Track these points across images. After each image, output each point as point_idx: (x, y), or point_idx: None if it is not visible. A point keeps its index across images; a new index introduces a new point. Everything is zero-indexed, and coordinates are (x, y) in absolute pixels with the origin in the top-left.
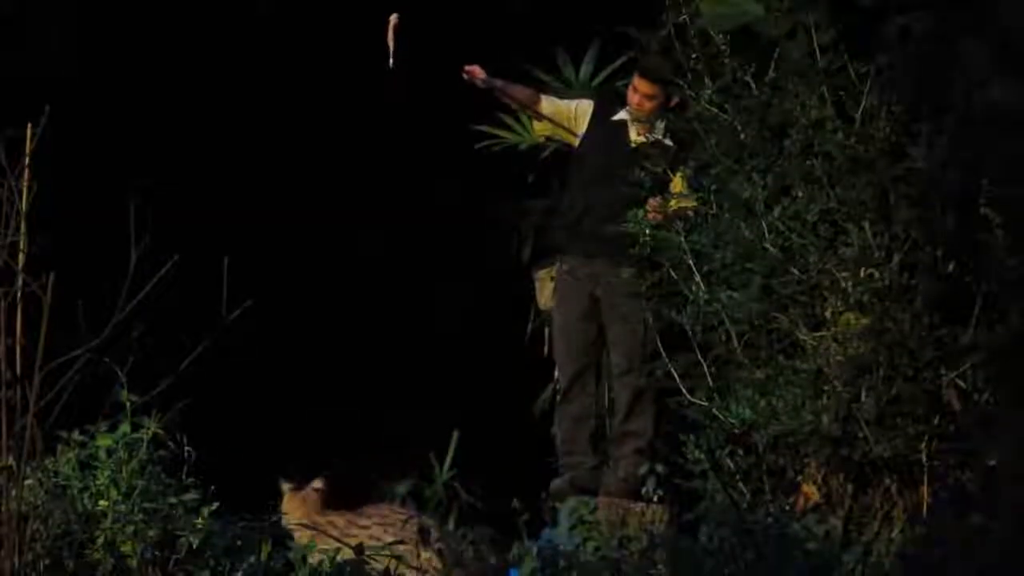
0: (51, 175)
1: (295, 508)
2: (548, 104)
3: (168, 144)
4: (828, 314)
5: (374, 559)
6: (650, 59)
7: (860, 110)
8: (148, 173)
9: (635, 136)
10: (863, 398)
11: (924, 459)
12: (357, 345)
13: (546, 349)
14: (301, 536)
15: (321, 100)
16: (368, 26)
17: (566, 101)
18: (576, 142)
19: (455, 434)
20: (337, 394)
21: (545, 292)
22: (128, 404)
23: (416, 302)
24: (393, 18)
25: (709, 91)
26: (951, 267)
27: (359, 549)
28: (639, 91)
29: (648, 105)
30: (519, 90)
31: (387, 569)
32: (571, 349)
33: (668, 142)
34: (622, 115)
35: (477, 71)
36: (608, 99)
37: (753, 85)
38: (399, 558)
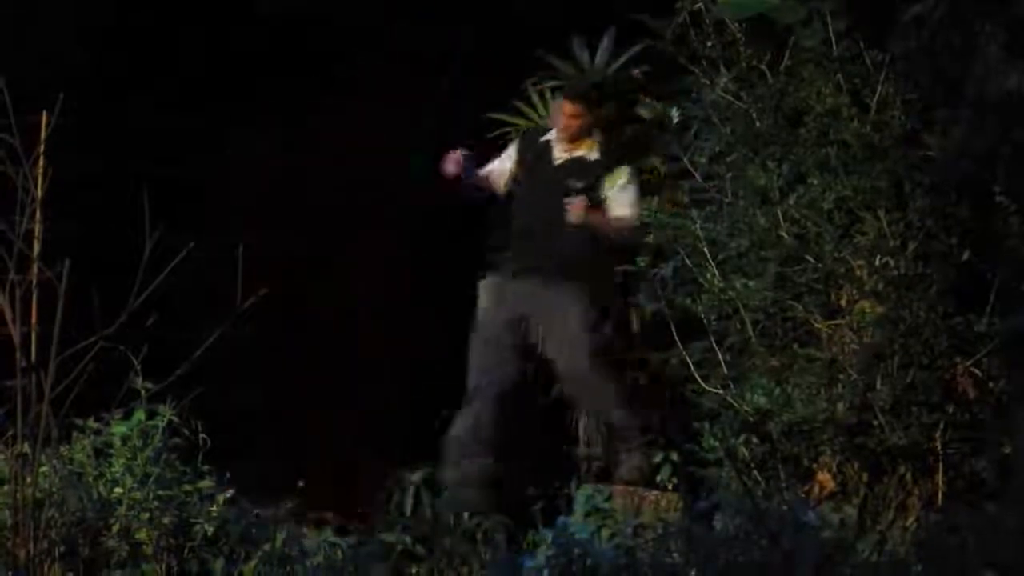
0: (66, 163)
1: None
2: (502, 177)
3: (180, 135)
4: (843, 302)
5: None
6: (575, 80)
7: (875, 98)
8: (162, 164)
9: (559, 154)
10: (878, 386)
11: (939, 447)
12: (369, 337)
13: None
14: None
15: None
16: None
17: (505, 156)
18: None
19: None
20: (350, 385)
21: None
22: (143, 391)
23: (429, 290)
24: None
25: (724, 79)
26: (966, 255)
27: None
28: (565, 112)
29: (574, 124)
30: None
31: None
32: (485, 361)
33: (593, 156)
34: (549, 136)
35: (454, 164)
36: (534, 130)
37: (768, 73)
38: None
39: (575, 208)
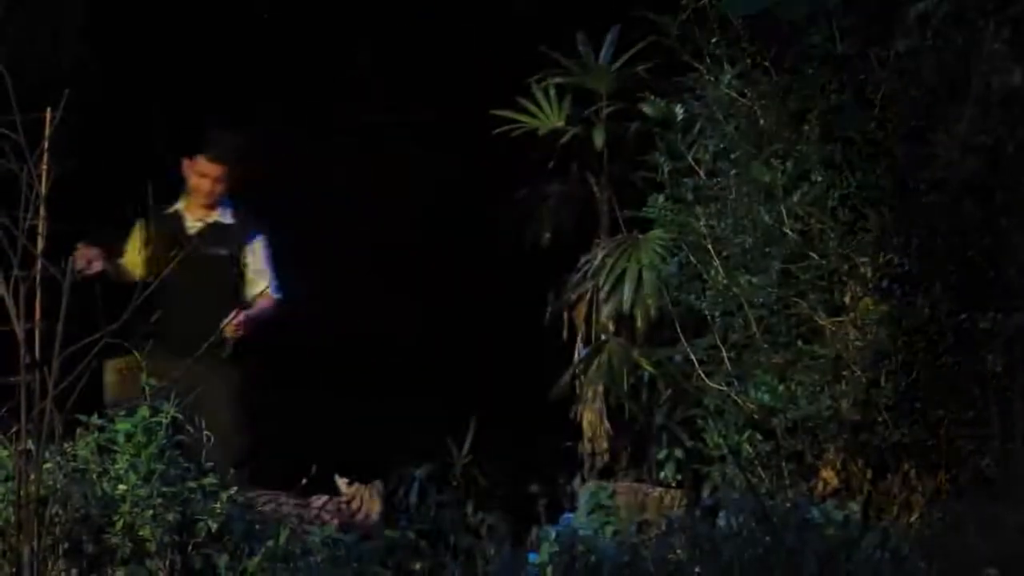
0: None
1: None
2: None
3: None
4: (847, 299)
5: None
6: (220, 140)
7: (880, 95)
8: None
9: (192, 223)
10: (882, 383)
11: (943, 444)
12: (375, 330)
13: None
14: None
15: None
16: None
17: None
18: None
19: (473, 419)
20: (355, 380)
21: (112, 384)
22: (147, 388)
23: (432, 287)
24: None
25: (728, 75)
26: (970, 252)
27: None
28: (208, 175)
29: (219, 188)
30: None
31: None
32: None
33: (227, 220)
34: (177, 206)
35: (84, 259)
36: (159, 207)
37: (772, 70)
38: None
39: (233, 327)
